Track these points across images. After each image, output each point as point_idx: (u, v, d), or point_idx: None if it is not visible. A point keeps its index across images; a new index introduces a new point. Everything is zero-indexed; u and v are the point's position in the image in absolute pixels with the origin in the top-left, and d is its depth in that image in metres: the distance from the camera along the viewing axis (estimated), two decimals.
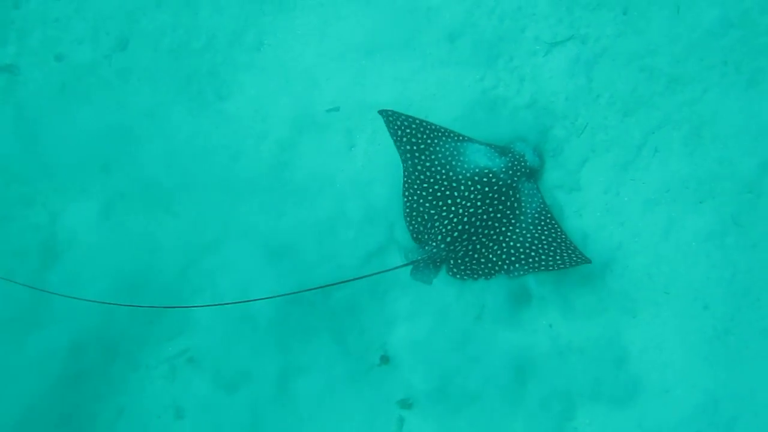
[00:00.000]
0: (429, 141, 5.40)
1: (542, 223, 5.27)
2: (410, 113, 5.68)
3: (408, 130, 5.41)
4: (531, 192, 5.35)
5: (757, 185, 5.41)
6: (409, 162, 5.40)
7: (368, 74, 5.98)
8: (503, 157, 5.38)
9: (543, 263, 5.13)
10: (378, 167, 5.78)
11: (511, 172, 5.31)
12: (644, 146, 5.59)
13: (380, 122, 5.68)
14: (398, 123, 5.43)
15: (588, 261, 5.09)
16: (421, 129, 5.42)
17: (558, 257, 5.13)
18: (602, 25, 5.80)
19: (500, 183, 5.28)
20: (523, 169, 5.36)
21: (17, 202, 5.86)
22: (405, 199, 5.40)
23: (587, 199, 5.54)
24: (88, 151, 5.93)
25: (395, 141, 5.43)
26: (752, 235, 5.36)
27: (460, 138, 5.45)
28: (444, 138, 5.43)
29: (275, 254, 5.62)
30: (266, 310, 5.34)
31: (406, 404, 5.31)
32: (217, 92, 6.07)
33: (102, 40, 6.17)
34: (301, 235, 5.68)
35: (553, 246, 5.19)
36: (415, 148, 5.39)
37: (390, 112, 5.48)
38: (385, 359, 5.39)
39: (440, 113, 5.78)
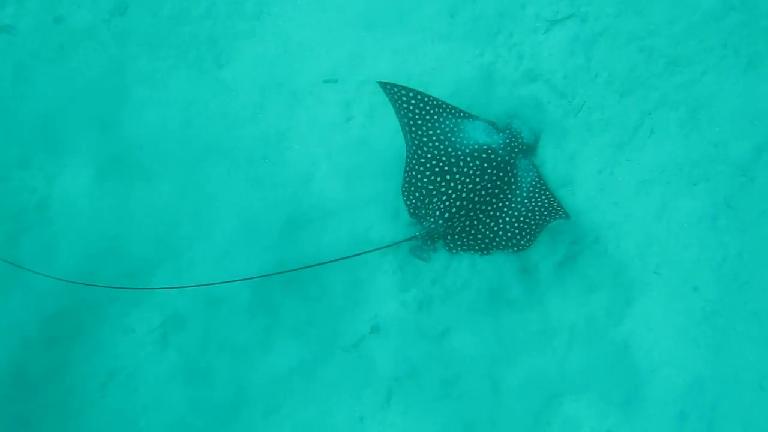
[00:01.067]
0: (428, 116, 5.39)
1: (536, 194, 5.30)
2: (409, 86, 5.70)
3: (407, 104, 5.40)
4: (527, 167, 5.37)
5: (750, 169, 5.43)
6: (408, 136, 5.39)
7: (367, 47, 5.95)
8: (501, 134, 5.39)
9: (533, 230, 5.19)
10: (374, 140, 5.76)
11: (509, 148, 5.32)
12: (640, 127, 5.60)
13: (378, 96, 5.70)
14: (398, 95, 5.42)
15: (567, 216, 5.16)
16: (422, 103, 5.41)
17: (538, 216, 5.20)
18: (603, 4, 5.78)
19: (498, 159, 5.29)
20: (520, 146, 5.37)
21: (14, 163, 5.86)
22: (405, 174, 5.40)
23: (581, 178, 5.56)
24: (85, 114, 5.92)
25: (397, 112, 5.42)
26: (744, 218, 5.39)
27: (460, 114, 5.45)
28: (444, 113, 5.42)
29: (266, 226, 5.64)
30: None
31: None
32: (215, 60, 6.05)
33: (101, 4, 6.11)
34: (295, 207, 5.70)
35: (543, 210, 5.23)
36: (413, 122, 5.37)
37: (389, 84, 5.46)
38: (375, 329, 5.41)
39: (439, 88, 5.76)
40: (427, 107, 5.42)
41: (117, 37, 6.10)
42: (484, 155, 5.27)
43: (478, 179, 5.24)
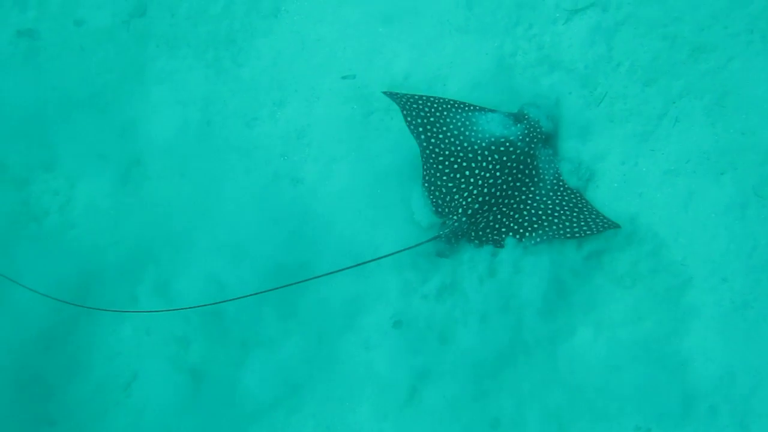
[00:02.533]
0: (438, 114, 5.34)
1: (561, 188, 5.22)
2: (427, 80, 5.74)
3: (416, 105, 5.36)
4: (548, 158, 5.29)
5: None
6: (423, 137, 5.33)
7: (385, 41, 5.92)
8: (519, 125, 5.30)
9: (568, 230, 5.07)
10: (393, 136, 5.71)
11: (528, 139, 5.24)
12: (665, 116, 5.46)
13: (398, 91, 5.67)
14: (405, 100, 5.39)
15: (617, 226, 5.07)
16: (428, 104, 5.38)
17: (583, 223, 5.09)
18: None
19: (518, 152, 5.21)
20: (539, 136, 5.28)
21: (37, 166, 5.92)
22: (424, 173, 5.33)
23: (604, 170, 5.42)
24: (106, 116, 5.99)
25: (405, 119, 5.36)
26: None
27: (471, 108, 5.39)
28: (453, 110, 5.37)
29: (286, 224, 5.60)
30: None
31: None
32: (233, 59, 6.07)
33: (121, 6, 6.20)
34: (315, 204, 5.67)
35: (575, 211, 5.14)
36: (425, 121, 5.33)
37: (394, 93, 5.45)
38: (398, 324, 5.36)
39: (457, 81, 5.72)
40: (435, 105, 5.38)
41: (136, 38, 6.17)
42: (502, 148, 5.20)
43: (498, 173, 5.16)
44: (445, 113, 5.36)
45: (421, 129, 5.34)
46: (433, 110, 5.36)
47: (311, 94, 5.91)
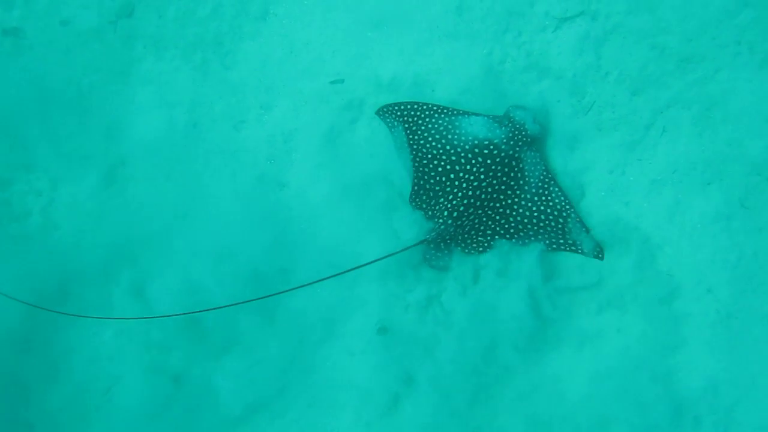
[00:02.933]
0: (420, 120, 5.38)
1: (547, 191, 5.21)
2: (416, 86, 5.72)
3: (399, 112, 5.46)
4: (534, 161, 5.27)
5: (766, 168, 5.24)
6: (408, 143, 5.36)
7: (374, 46, 5.89)
8: (503, 128, 5.29)
9: (553, 242, 5.13)
10: (381, 141, 5.68)
11: (512, 142, 5.23)
12: (652, 126, 5.47)
13: (384, 96, 5.71)
14: (389, 110, 5.51)
15: (600, 257, 5.17)
16: (413, 110, 5.44)
17: (569, 239, 5.14)
18: (614, 1, 5.64)
19: (502, 154, 5.19)
20: (524, 138, 5.27)
21: (19, 166, 5.85)
22: (413, 178, 5.34)
23: (591, 178, 5.42)
24: (90, 116, 5.93)
25: (390, 130, 5.48)
26: (759, 218, 5.22)
27: (455, 112, 5.40)
28: (436, 114, 5.40)
29: (271, 230, 5.58)
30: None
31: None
32: (221, 61, 6.02)
33: (107, 6, 6.13)
34: (301, 208, 5.64)
35: (560, 222, 5.15)
36: (407, 125, 5.39)
37: (383, 110, 5.58)
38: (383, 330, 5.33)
39: (446, 87, 5.71)
40: (419, 112, 5.44)
41: (123, 38, 6.11)
42: (486, 151, 5.18)
43: (482, 176, 5.14)
44: (427, 118, 5.37)
45: (404, 136, 5.38)
46: (415, 115, 5.39)
47: (299, 97, 5.87)
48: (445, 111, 5.41)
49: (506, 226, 5.16)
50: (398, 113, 5.47)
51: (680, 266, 5.19)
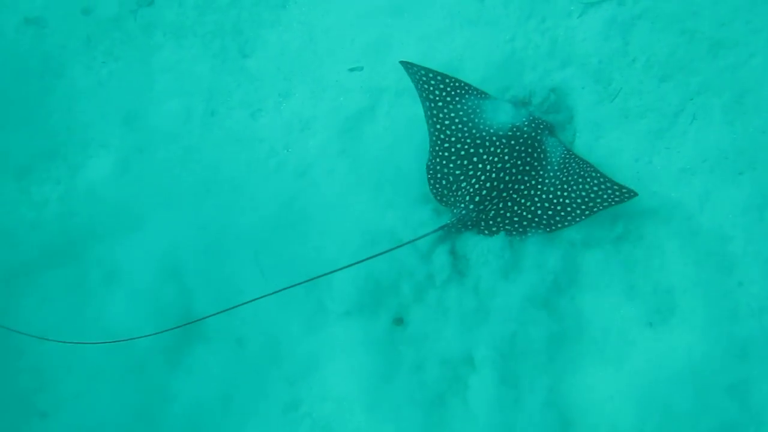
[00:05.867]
0: (449, 97, 5.16)
1: (569, 166, 5.00)
2: None
3: (427, 85, 5.18)
4: (554, 144, 5.09)
5: None
6: (431, 120, 5.17)
7: (394, 33, 5.79)
8: (525, 110, 5.18)
9: (583, 207, 4.87)
10: (401, 129, 5.57)
11: (533, 125, 5.08)
12: (681, 113, 5.25)
13: (404, 83, 5.54)
14: (419, 74, 5.22)
15: (633, 194, 4.84)
16: (442, 84, 5.18)
17: (595, 195, 4.87)
18: None
19: (525, 136, 5.03)
20: (544, 123, 5.12)
21: (40, 154, 5.85)
22: (429, 161, 5.15)
23: (617, 167, 5.19)
24: (109, 105, 5.92)
25: (419, 93, 5.21)
26: None
27: (482, 94, 5.22)
28: (466, 94, 5.19)
29: (290, 218, 5.49)
30: None
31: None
32: (240, 49, 5.98)
33: None
34: (317, 199, 5.54)
35: (587, 183, 4.91)
36: (433, 104, 5.15)
37: (412, 65, 5.26)
38: (399, 321, 5.19)
39: (467, 74, 5.51)
40: (448, 89, 5.19)
41: (143, 27, 6.10)
42: (509, 133, 5.01)
43: (506, 158, 4.97)
44: (457, 98, 5.17)
45: (428, 113, 5.17)
46: (444, 94, 5.17)
47: (317, 85, 5.79)
48: (473, 92, 5.21)
49: (532, 208, 4.97)
50: (426, 80, 5.22)
51: (709, 258, 4.95)
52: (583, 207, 4.87)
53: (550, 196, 4.95)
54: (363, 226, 5.32)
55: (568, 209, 4.89)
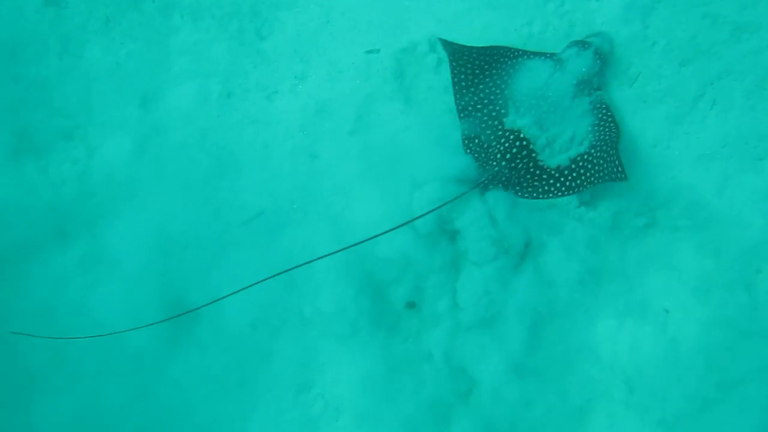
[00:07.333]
0: (486, 65, 5.18)
1: (602, 128, 4.95)
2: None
3: (467, 56, 5.22)
4: (594, 98, 5.06)
5: None
6: (463, 84, 5.17)
7: (411, 16, 5.74)
8: (561, 64, 5.12)
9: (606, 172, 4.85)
10: (416, 112, 5.56)
11: (569, 77, 5.06)
12: (701, 98, 5.16)
13: (419, 66, 5.61)
14: (454, 49, 5.27)
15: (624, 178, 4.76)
16: (476, 54, 5.22)
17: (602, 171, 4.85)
18: None
19: (558, 91, 5.03)
20: (585, 73, 5.10)
21: (58, 135, 5.89)
22: (461, 122, 5.15)
23: (635, 152, 5.12)
24: (127, 86, 5.94)
25: (452, 70, 5.22)
26: None
27: (518, 53, 5.20)
28: (502, 58, 5.20)
29: (304, 200, 5.54)
30: None
31: None
32: (257, 31, 5.96)
33: None
34: (332, 180, 5.55)
35: (604, 155, 4.88)
36: (470, 73, 5.18)
37: (447, 42, 5.32)
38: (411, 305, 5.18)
39: None
40: (484, 55, 5.22)
41: (161, 8, 6.09)
42: (541, 91, 5.03)
43: (537, 114, 5.01)
44: (493, 62, 5.19)
45: (462, 77, 5.19)
46: (479, 61, 5.19)
47: (333, 68, 5.76)
48: (508, 54, 5.21)
49: (561, 167, 4.95)
50: (458, 54, 5.24)
51: (728, 245, 4.88)
52: (607, 174, 4.83)
53: (577, 157, 4.94)
54: (374, 208, 5.30)
55: (596, 171, 4.86)
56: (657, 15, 5.34)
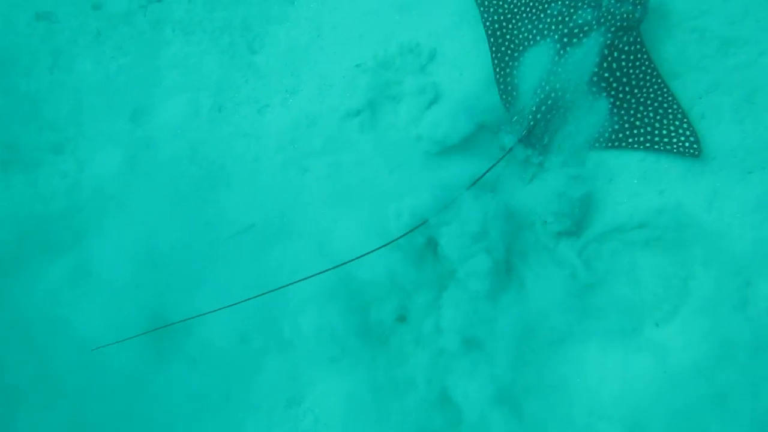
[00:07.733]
0: (515, 10, 5.28)
1: (643, 83, 5.00)
2: (443, 68, 5.56)
3: (492, 9, 5.34)
4: (634, 51, 5.05)
5: None
6: (498, 33, 5.28)
7: (401, 30, 5.76)
8: (597, 11, 5.06)
9: (647, 138, 4.97)
10: (405, 126, 5.55)
11: (603, 28, 5.03)
12: (689, 112, 5.17)
13: (410, 77, 5.58)
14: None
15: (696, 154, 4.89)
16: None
17: (665, 136, 4.93)
18: None
19: (592, 42, 5.01)
20: (621, 21, 5.03)
21: (48, 148, 5.88)
22: (496, 76, 5.26)
23: (623, 166, 5.14)
24: (118, 99, 5.95)
25: (482, 16, 5.36)
26: None
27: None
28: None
29: (298, 211, 5.54)
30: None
31: None
32: (248, 45, 5.99)
33: None
34: (321, 194, 5.54)
35: (659, 114, 4.94)
36: (500, 20, 5.32)
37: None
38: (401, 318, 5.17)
39: (475, 72, 5.52)
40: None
41: (152, 22, 6.13)
42: (575, 39, 5.03)
43: (570, 68, 5.03)
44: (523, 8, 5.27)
45: (496, 26, 5.31)
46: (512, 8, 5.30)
47: (324, 81, 5.78)
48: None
49: (595, 123, 5.07)
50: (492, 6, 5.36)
51: (717, 257, 4.88)
52: (648, 141, 4.97)
53: (623, 112, 5.01)
54: (368, 221, 5.29)
55: (638, 134, 4.97)
56: (645, 29, 5.36)
